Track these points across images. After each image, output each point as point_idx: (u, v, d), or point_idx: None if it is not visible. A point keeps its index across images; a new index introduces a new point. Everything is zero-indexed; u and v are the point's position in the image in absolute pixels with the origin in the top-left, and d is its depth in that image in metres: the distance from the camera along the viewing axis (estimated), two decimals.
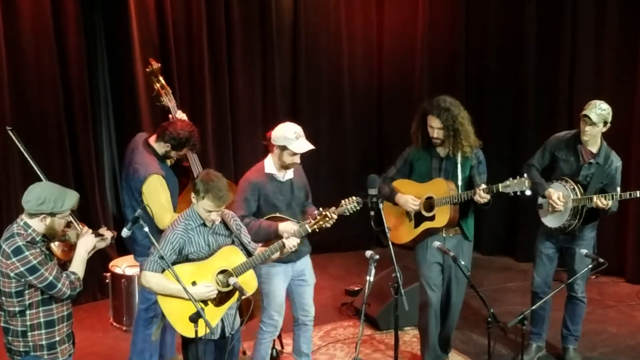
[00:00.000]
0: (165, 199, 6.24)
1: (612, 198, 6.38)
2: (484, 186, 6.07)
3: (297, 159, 6.01)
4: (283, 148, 5.95)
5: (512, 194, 6.05)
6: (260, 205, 6.05)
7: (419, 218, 6.40)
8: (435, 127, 6.18)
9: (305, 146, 5.96)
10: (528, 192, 6.02)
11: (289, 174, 6.13)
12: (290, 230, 5.78)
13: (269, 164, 6.07)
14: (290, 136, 5.93)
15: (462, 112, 6.19)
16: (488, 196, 6.06)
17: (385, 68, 10.44)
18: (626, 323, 7.98)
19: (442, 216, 6.27)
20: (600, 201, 6.34)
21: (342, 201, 5.79)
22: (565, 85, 9.40)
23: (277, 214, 6.05)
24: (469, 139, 6.21)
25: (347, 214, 5.84)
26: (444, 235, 6.33)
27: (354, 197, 5.77)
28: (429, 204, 6.33)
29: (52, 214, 4.77)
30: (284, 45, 9.77)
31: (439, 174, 6.33)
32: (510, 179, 6.01)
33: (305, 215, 6.11)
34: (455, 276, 6.44)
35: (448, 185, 6.25)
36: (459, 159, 6.26)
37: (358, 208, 5.78)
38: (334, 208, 5.75)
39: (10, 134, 6.10)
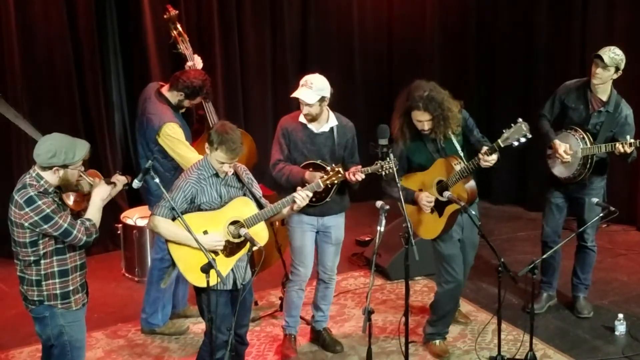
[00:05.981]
0: (185, 142, 6.29)
1: (632, 145, 6.23)
2: (485, 149, 5.75)
3: (305, 109, 5.90)
4: None
5: (518, 143, 5.65)
6: (290, 151, 6.01)
7: (439, 206, 6.07)
8: (425, 120, 5.88)
9: (296, 93, 5.88)
10: (529, 135, 5.61)
11: (326, 127, 6.03)
12: (313, 180, 5.65)
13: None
14: (300, 84, 5.92)
15: (443, 95, 5.89)
16: (494, 156, 5.74)
17: (395, 22, 10.33)
18: (637, 271, 8.00)
19: (460, 194, 5.95)
20: (623, 147, 6.22)
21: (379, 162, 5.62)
22: (577, 40, 9.34)
23: (315, 161, 5.98)
24: (456, 117, 5.94)
25: (382, 173, 5.66)
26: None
27: (392, 158, 5.56)
28: (442, 187, 6.00)
29: (65, 166, 4.77)
30: None
31: (439, 154, 6.04)
32: (506, 129, 5.64)
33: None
34: (470, 241, 6.26)
35: (450, 162, 5.94)
36: (451, 135, 6.00)
37: (396, 169, 5.57)
38: (364, 167, 5.75)
39: None
